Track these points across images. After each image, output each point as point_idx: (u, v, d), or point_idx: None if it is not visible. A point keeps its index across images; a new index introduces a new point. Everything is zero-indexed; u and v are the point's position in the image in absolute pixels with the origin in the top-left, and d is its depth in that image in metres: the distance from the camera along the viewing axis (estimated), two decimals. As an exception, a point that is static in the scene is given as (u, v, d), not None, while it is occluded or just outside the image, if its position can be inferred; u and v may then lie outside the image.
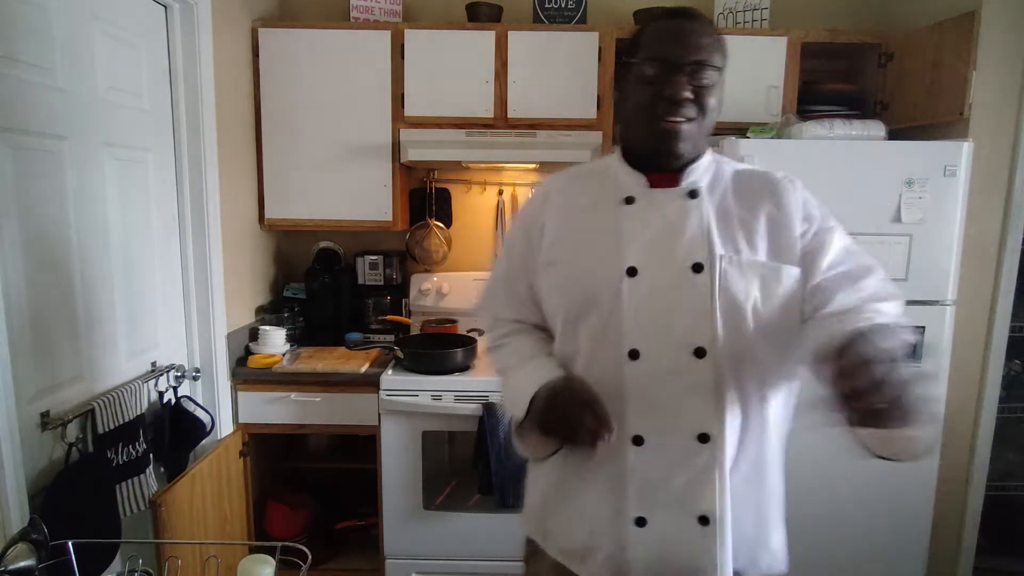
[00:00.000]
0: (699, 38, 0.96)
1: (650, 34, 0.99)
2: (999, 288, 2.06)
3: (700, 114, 0.97)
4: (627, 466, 1.00)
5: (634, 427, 0.99)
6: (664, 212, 1.01)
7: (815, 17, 2.48)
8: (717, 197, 1.03)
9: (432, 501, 2.14)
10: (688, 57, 0.95)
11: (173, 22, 1.86)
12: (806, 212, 1.02)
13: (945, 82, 2.05)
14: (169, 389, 1.84)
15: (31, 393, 1.36)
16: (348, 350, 2.34)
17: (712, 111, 0.98)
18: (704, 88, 0.96)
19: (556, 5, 2.40)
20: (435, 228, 2.65)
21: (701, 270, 0.97)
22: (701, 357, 0.96)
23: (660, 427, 0.99)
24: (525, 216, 1.16)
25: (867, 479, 2.04)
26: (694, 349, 0.96)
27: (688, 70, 0.95)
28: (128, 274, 1.70)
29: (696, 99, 0.96)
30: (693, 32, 0.96)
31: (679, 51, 0.95)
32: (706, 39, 0.96)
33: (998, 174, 2.02)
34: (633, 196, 1.03)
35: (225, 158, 2.08)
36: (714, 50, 0.96)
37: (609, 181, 1.07)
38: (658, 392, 0.98)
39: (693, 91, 0.95)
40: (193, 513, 1.77)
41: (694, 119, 0.97)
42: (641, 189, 1.03)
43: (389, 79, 2.29)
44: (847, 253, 1.02)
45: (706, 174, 1.04)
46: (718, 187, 1.04)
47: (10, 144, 1.30)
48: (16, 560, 0.87)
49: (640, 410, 0.99)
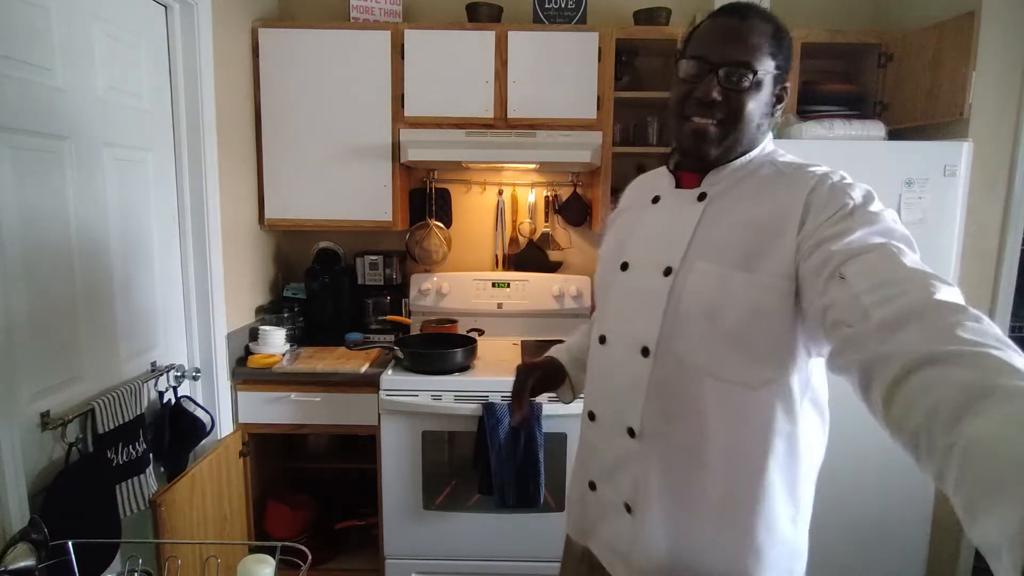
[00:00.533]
0: (744, 37, 0.92)
1: (701, 30, 0.98)
2: (999, 288, 2.06)
3: (731, 117, 0.94)
4: (585, 437, 1.13)
5: (591, 404, 1.11)
6: (669, 214, 1.03)
7: (815, 17, 2.48)
8: (730, 203, 0.97)
9: (432, 501, 2.14)
10: (724, 57, 0.92)
11: (173, 22, 1.86)
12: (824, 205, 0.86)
13: (945, 82, 2.05)
14: (169, 389, 1.84)
15: (31, 393, 1.36)
16: (348, 350, 2.34)
17: (748, 114, 0.94)
18: (737, 92, 0.92)
19: (556, 5, 2.40)
20: (435, 228, 2.65)
21: (669, 274, 0.98)
22: (645, 356, 0.99)
23: (606, 411, 1.07)
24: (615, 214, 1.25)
25: (867, 479, 2.04)
26: (640, 347, 1.00)
27: (723, 72, 0.92)
28: (128, 274, 1.70)
29: (727, 101, 0.93)
30: (738, 31, 0.93)
31: (717, 51, 0.93)
32: (754, 39, 0.92)
33: (998, 174, 2.02)
34: (659, 196, 1.07)
35: (225, 158, 2.08)
36: (759, 51, 0.92)
37: (654, 181, 1.12)
38: (609, 379, 1.06)
39: (724, 93, 0.93)
40: (193, 513, 1.77)
41: (723, 121, 0.94)
42: (668, 189, 1.06)
43: (389, 79, 2.29)
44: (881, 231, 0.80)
45: (735, 175, 0.98)
46: (741, 189, 0.97)
47: (10, 144, 1.30)
48: (16, 560, 0.88)
49: (596, 390, 1.10)
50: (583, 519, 1.13)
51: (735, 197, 0.97)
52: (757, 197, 0.95)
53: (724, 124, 0.95)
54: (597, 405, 1.09)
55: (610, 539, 1.06)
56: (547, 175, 2.66)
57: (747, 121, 0.94)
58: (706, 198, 0.99)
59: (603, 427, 1.07)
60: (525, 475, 2.02)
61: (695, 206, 1.00)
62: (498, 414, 2.02)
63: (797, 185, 0.92)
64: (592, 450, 1.10)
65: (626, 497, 1.02)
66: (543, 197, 2.67)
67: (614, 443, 1.04)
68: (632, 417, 1.00)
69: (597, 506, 1.09)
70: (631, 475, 1.01)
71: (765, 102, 0.95)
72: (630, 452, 1.01)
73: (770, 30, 0.94)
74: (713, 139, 0.96)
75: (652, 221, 1.05)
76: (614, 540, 1.05)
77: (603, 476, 1.07)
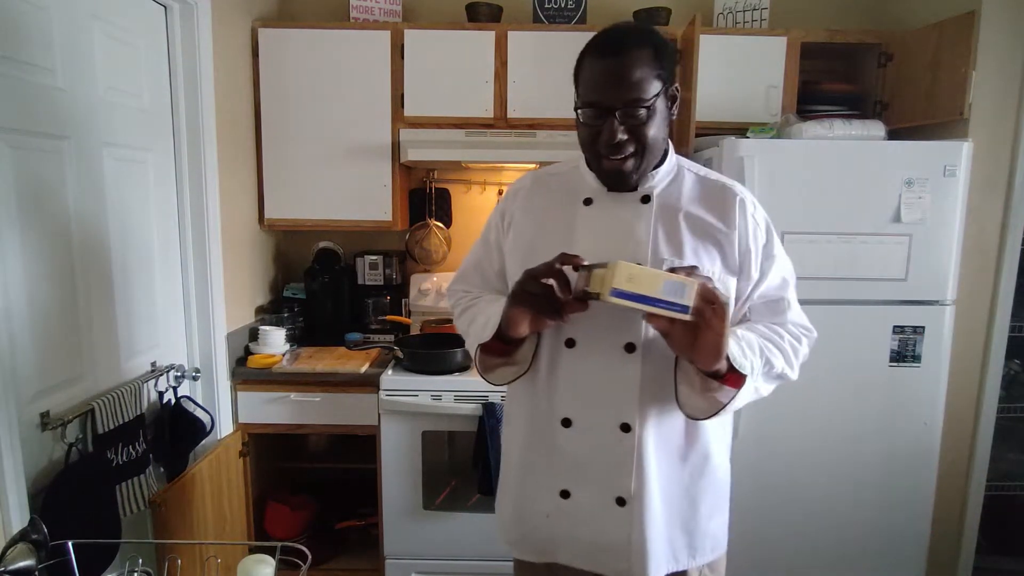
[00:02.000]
0: (627, 75, 0.97)
1: (585, 74, 1.03)
2: (999, 288, 2.06)
3: (640, 147, 1.01)
4: (556, 445, 1.12)
5: (564, 410, 1.10)
6: (617, 215, 1.09)
7: (815, 17, 2.48)
8: (672, 202, 1.08)
9: (432, 501, 2.14)
10: (616, 100, 0.98)
11: (173, 22, 1.86)
12: (754, 234, 1.09)
13: (945, 82, 2.05)
14: (169, 389, 1.84)
15: (31, 393, 1.36)
16: (348, 350, 2.34)
17: (653, 139, 1.01)
18: (639, 125, 0.99)
19: (556, 5, 2.40)
20: (435, 228, 2.65)
21: None
22: (631, 353, 1.05)
23: (587, 414, 1.09)
24: (498, 208, 1.26)
25: (867, 478, 2.04)
26: (624, 345, 1.05)
27: (619, 114, 0.98)
28: (128, 274, 1.70)
29: (632, 136, 1.00)
30: (620, 71, 0.97)
31: (608, 95, 0.99)
32: (636, 72, 0.97)
33: (998, 174, 2.02)
34: (591, 198, 1.11)
35: (225, 158, 2.08)
36: (645, 81, 0.97)
37: (574, 182, 1.15)
38: (588, 381, 1.08)
39: (628, 131, 0.99)
40: (193, 513, 1.77)
41: (635, 153, 1.02)
42: (599, 192, 1.11)
43: (389, 79, 2.29)
44: (781, 286, 1.13)
45: (664, 179, 1.10)
46: (675, 192, 1.10)
47: (10, 144, 1.30)
48: (16, 560, 0.87)
49: (571, 396, 1.10)
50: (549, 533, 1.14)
51: (673, 199, 1.09)
52: (692, 201, 1.09)
53: (636, 155, 1.02)
54: (574, 410, 1.10)
55: (595, 538, 1.10)
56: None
57: (654, 143, 1.02)
58: (651, 200, 1.08)
59: (584, 430, 1.09)
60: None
61: (643, 207, 1.08)
62: (498, 414, 2.02)
63: (730, 199, 1.10)
64: (568, 456, 1.11)
65: (619, 492, 1.08)
66: (543, 197, 2.66)
67: (601, 443, 1.08)
68: (627, 413, 1.06)
69: (573, 513, 1.11)
70: (626, 469, 1.07)
71: (663, 117, 1.03)
72: (625, 447, 1.07)
73: (648, 53, 0.98)
74: (631, 171, 1.04)
75: (597, 222, 1.09)
76: (601, 537, 1.10)
77: (584, 479, 1.10)
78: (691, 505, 1.12)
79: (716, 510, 1.16)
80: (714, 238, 1.07)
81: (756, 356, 1.02)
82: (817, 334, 1.16)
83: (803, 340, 1.12)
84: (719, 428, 1.15)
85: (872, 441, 2.03)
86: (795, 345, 1.10)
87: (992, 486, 2.19)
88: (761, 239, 1.10)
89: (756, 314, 1.13)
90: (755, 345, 1.03)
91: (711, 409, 1.01)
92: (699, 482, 1.12)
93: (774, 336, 1.08)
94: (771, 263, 1.11)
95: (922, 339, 1.99)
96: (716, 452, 1.14)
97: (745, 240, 1.08)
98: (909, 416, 2.02)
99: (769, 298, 1.12)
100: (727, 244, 1.07)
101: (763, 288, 1.11)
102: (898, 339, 2.00)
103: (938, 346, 2.00)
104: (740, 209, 1.09)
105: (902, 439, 2.03)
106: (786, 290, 1.13)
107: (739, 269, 1.08)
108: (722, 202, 1.09)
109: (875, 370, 2.00)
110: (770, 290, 1.12)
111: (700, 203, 1.09)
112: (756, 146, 1.95)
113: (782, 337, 1.09)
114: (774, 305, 1.12)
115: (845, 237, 1.94)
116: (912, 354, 2.00)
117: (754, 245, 1.09)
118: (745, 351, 1.00)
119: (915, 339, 2.00)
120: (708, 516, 1.14)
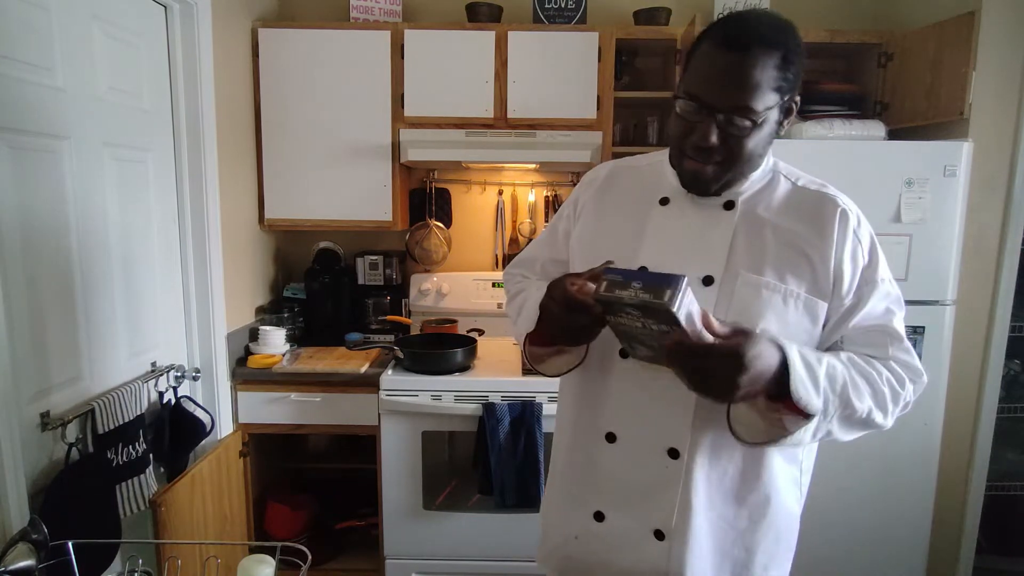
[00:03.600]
0: (745, 78, 0.84)
1: (696, 61, 0.90)
2: (999, 288, 2.06)
3: (729, 159, 0.91)
4: (596, 460, 1.02)
5: (610, 424, 1.00)
6: (693, 218, 0.98)
7: (815, 17, 2.48)
8: (760, 211, 0.96)
9: (432, 501, 2.14)
10: (723, 102, 0.86)
11: (173, 22, 1.86)
12: (853, 253, 0.94)
13: (945, 82, 2.05)
14: (169, 389, 1.84)
15: (31, 393, 1.36)
16: (348, 350, 2.34)
17: (748, 154, 0.91)
18: (738, 136, 0.88)
19: (556, 5, 2.40)
20: (435, 228, 2.65)
21: (711, 283, 0.94)
22: None
23: (634, 431, 0.98)
24: (573, 195, 1.16)
25: (867, 479, 2.04)
26: None
27: (721, 117, 0.87)
28: (128, 274, 1.70)
29: (725, 145, 0.89)
30: (739, 71, 0.85)
31: (715, 93, 0.87)
32: (755, 77, 0.84)
33: (998, 174, 2.02)
34: (668, 198, 1.01)
35: (225, 158, 2.08)
36: (762, 90, 0.85)
37: (652, 179, 1.05)
38: (638, 396, 0.97)
39: (724, 138, 0.88)
40: (193, 513, 1.77)
41: (722, 163, 0.91)
42: (678, 192, 1.00)
43: (389, 79, 2.29)
44: (884, 315, 0.96)
45: (755, 185, 0.98)
46: (765, 200, 0.98)
47: (10, 144, 1.30)
48: (16, 560, 0.87)
49: (619, 409, 0.99)
50: (578, 558, 1.05)
51: (760, 209, 0.97)
52: (782, 211, 0.96)
53: (722, 165, 0.92)
54: (620, 426, 0.99)
55: (633, 570, 0.99)
56: (547, 175, 2.66)
57: (746, 160, 0.92)
58: (734, 207, 0.97)
59: (629, 449, 0.99)
60: (525, 475, 2.02)
61: (724, 214, 0.97)
62: (498, 414, 2.02)
63: (827, 211, 0.96)
64: (605, 475, 1.01)
65: (658, 523, 0.96)
66: (543, 197, 2.67)
67: (645, 466, 0.97)
68: (677, 438, 0.95)
69: (606, 539, 1.01)
70: (668, 499, 0.95)
71: (770, 131, 0.91)
72: (669, 474, 0.95)
73: (775, 60, 0.85)
74: (710, 179, 0.94)
75: (671, 225, 0.99)
76: (640, 570, 0.98)
77: (622, 503, 0.99)
78: (745, 552, 0.98)
79: (774, 562, 1.01)
80: (804, 253, 0.93)
81: (832, 392, 0.86)
82: (928, 378, 0.98)
83: (907, 384, 0.94)
84: (786, 471, 0.99)
85: (872, 441, 2.02)
86: (894, 387, 0.93)
87: (992, 486, 2.19)
88: (862, 259, 0.95)
89: (852, 346, 0.96)
90: (837, 378, 0.87)
91: (770, 434, 0.86)
92: (757, 527, 0.98)
93: (869, 372, 0.91)
94: (872, 289, 0.95)
95: (922, 339, 1.99)
96: (782, 496, 0.99)
97: (841, 257, 0.93)
98: (909, 416, 2.00)
99: (868, 328, 0.95)
100: (819, 261, 0.93)
101: (860, 316, 0.94)
102: (898, 339, 2.00)
103: (938, 346, 2.00)
104: (841, 222, 0.94)
105: (902, 439, 2.02)
106: (891, 321, 0.96)
107: (831, 291, 0.94)
108: (819, 212, 0.95)
109: (875, 370, 2.00)
110: (869, 319, 0.95)
111: (792, 212, 0.96)
112: (756, 146, 1.95)
113: (879, 375, 0.92)
114: (874, 337, 0.95)
115: (845, 237, 1.94)
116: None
117: (851, 265, 0.94)
118: (815, 383, 0.84)
119: (915, 339, 2.00)
120: (764, 567, 1.00)
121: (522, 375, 2.11)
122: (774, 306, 0.92)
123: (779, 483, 0.98)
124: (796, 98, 0.93)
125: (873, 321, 0.95)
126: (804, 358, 0.85)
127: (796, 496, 1.03)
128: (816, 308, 0.94)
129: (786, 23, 0.89)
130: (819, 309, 0.94)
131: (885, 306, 0.96)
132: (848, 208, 0.96)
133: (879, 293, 0.95)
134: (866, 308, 0.95)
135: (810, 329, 0.95)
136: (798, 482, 1.03)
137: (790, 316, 0.93)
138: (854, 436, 0.94)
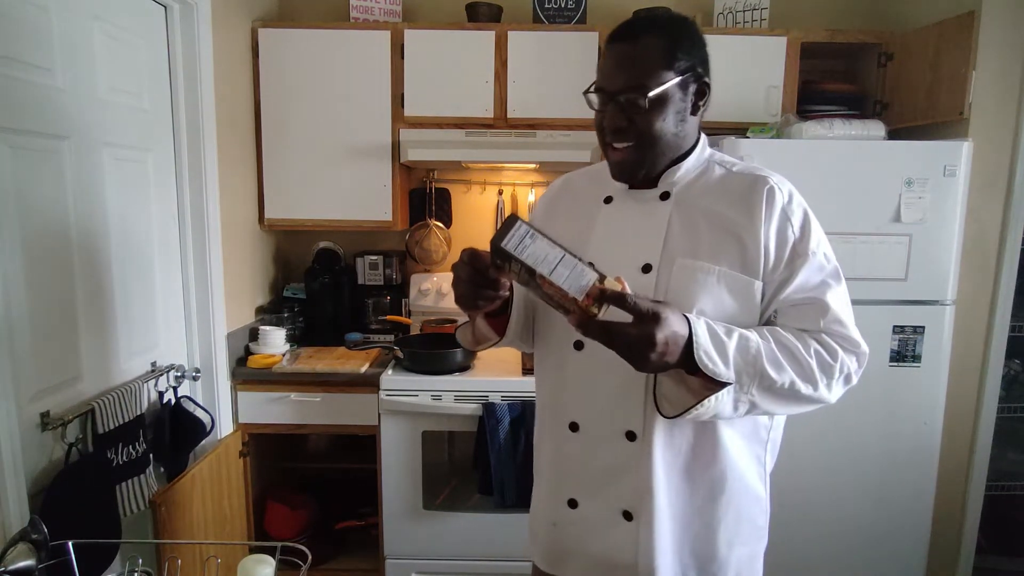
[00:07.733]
0: (633, 61, 0.95)
1: (601, 60, 1.02)
2: (999, 288, 2.06)
3: (642, 138, 0.97)
4: (564, 450, 1.07)
5: (572, 414, 1.06)
6: (633, 212, 1.05)
7: (815, 17, 2.48)
8: (693, 199, 1.02)
9: (432, 501, 2.14)
10: (618, 85, 0.96)
11: (173, 22, 1.86)
12: (780, 227, 0.97)
13: (945, 82, 2.05)
14: (169, 389, 1.84)
15: (31, 393, 1.36)
16: (348, 350, 2.34)
17: (658, 130, 0.97)
18: (640, 114, 0.95)
19: (556, 5, 2.40)
20: (435, 228, 2.65)
21: (649, 271, 0.99)
22: None
23: (594, 418, 1.04)
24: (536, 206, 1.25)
25: (867, 478, 2.04)
26: None
27: (622, 99, 0.96)
28: (128, 274, 1.70)
29: (633, 124, 0.97)
30: (628, 56, 0.96)
31: (611, 80, 0.97)
32: (643, 59, 0.94)
33: (998, 174, 2.02)
34: (611, 196, 1.08)
35: (225, 158, 2.08)
36: (652, 69, 0.94)
37: (600, 181, 1.11)
38: (595, 385, 1.03)
39: (630, 119, 0.96)
40: (193, 513, 1.77)
41: (638, 144, 0.98)
42: (621, 190, 1.07)
43: (389, 79, 2.29)
44: (817, 288, 0.98)
45: (689, 175, 1.04)
46: (699, 188, 1.03)
47: (10, 144, 1.30)
48: (16, 560, 0.88)
49: (579, 399, 1.05)
50: (558, 544, 1.10)
51: (694, 195, 1.02)
52: (716, 197, 1.01)
53: (639, 147, 0.98)
54: (581, 414, 1.05)
55: (604, 553, 1.04)
56: (547, 175, 2.66)
57: (660, 136, 0.98)
58: (669, 197, 1.03)
59: (590, 436, 1.04)
60: (525, 475, 2.02)
61: (661, 204, 1.03)
62: (498, 414, 2.02)
63: (756, 191, 0.99)
64: (574, 463, 1.06)
65: (625, 504, 1.02)
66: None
67: (607, 450, 1.02)
68: (632, 420, 0.99)
69: (580, 524, 1.06)
70: (631, 481, 1.00)
71: (676, 111, 0.97)
72: (629, 457, 1.00)
73: (663, 42, 0.95)
74: (633, 163, 1.00)
75: (614, 220, 1.06)
76: (611, 552, 1.03)
77: (590, 489, 1.05)
78: (705, 528, 1.02)
79: (740, 539, 1.04)
80: (734, 234, 0.97)
81: (744, 362, 0.89)
82: (868, 349, 0.98)
83: (840, 354, 0.95)
84: (743, 448, 1.03)
85: (872, 441, 2.03)
86: (824, 359, 0.94)
87: (992, 486, 2.19)
88: (792, 234, 0.97)
89: (785, 320, 0.98)
90: (750, 349, 0.90)
91: (682, 403, 0.90)
92: (715, 504, 1.02)
93: (793, 344, 0.93)
94: (803, 262, 0.96)
95: (922, 339, 2.00)
96: (740, 474, 1.02)
97: (768, 234, 0.96)
98: (909, 416, 2.03)
99: (798, 302, 0.97)
100: (749, 240, 0.96)
101: (790, 290, 0.96)
102: (898, 339, 2.00)
103: (938, 346, 2.00)
104: (768, 199, 0.97)
105: (902, 439, 2.03)
106: (824, 294, 0.97)
107: (761, 268, 0.96)
108: (749, 193, 0.98)
109: (875, 370, 1.99)
110: (802, 292, 0.97)
111: (725, 197, 1.00)
112: (756, 146, 1.95)
113: (806, 346, 0.93)
114: (805, 311, 0.97)
115: (845, 237, 1.94)
116: (912, 354, 2.01)
117: (779, 239, 0.96)
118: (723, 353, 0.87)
119: (915, 339, 2.00)
120: (728, 544, 1.03)
121: (522, 375, 2.11)
122: (709, 288, 0.96)
123: (736, 459, 1.02)
124: (706, 79, 1.00)
125: (805, 294, 0.97)
126: (711, 329, 0.89)
127: (758, 473, 1.06)
128: (750, 287, 0.97)
129: (677, 15, 1.01)
130: (753, 288, 0.97)
131: (820, 279, 0.98)
132: (778, 186, 0.99)
133: (811, 266, 0.97)
134: (797, 280, 0.97)
135: (746, 308, 0.98)
136: (761, 460, 1.06)
137: (724, 297, 0.96)
138: (791, 410, 0.98)
